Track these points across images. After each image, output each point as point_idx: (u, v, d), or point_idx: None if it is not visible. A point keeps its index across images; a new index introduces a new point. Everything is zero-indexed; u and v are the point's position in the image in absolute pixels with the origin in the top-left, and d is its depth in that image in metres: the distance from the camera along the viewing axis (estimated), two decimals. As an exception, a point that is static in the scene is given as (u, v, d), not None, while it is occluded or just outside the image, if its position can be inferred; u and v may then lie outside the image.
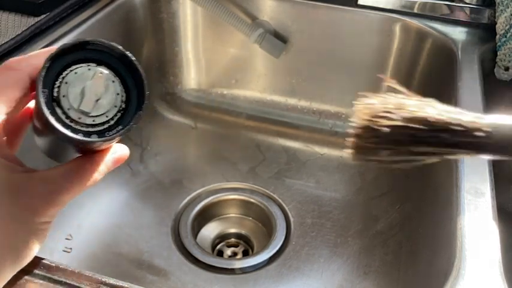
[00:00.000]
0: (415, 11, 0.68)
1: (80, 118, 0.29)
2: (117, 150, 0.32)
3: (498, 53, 0.62)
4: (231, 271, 0.60)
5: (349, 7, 0.69)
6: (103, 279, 0.33)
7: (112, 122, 0.30)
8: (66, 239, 0.61)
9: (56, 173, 0.29)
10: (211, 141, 0.77)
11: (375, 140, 0.19)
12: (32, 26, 0.59)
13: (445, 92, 0.59)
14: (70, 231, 0.62)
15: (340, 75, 0.74)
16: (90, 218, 0.64)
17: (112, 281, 0.33)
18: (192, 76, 0.81)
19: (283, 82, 0.78)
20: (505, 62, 0.61)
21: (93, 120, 0.29)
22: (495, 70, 0.62)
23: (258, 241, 0.66)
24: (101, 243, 0.62)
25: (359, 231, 0.64)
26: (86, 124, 0.29)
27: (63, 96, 0.28)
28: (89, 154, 0.31)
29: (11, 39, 0.57)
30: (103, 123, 0.29)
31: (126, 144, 0.33)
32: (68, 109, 0.28)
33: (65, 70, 0.29)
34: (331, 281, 0.59)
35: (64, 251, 0.60)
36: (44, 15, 0.61)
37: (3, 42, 0.56)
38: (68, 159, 0.32)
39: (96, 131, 0.29)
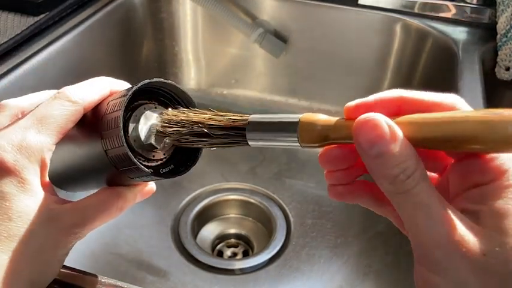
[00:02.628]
0: (416, 10, 0.68)
1: (143, 152, 0.30)
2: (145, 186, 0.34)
3: (499, 53, 0.61)
4: (231, 271, 0.60)
5: (350, 7, 0.69)
6: (102, 280, 0.33)
7: (164, 160, 0.32)
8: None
9: (86, 205, 0.30)
10: (211, 141, 0.76)
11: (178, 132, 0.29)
12: (31, 25, 0.59)
13: (446, 92, 0.59)
14: (69, 232, 0.61)
15: (340, 75, 0.74)
16: (89, 218, 0.64)
17: (111, 281, 0.33)
18: (191, 76, 0.81)
19: (283, 82, 0.78)
20: (506, 61, 0.61)
21: (153, 156, 0.31)
22: (496, 70, 0.62)
23: (258, 241, 0.65)
24: (101, 244, 0.62)
25: (359, 231, 0.64)
26: (145, 158, 0.30)
27: (133, 130, 0.30)
28: (118, 187, 0.32)
29: (11, 38, 0.56)
30: (157, 160, 0.31)
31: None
32: (134, 141, 0.30)
33: (132, 103, 0.30)
34: (331, 282, 0.59)
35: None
36: (44, 15, 0.61)
37: (2, 41, 0.56)
38: (88, 185, 0.33)
39: (150, 166, 0.31)
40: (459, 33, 0.64)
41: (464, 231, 0.22)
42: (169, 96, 0.32)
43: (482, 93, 0.53)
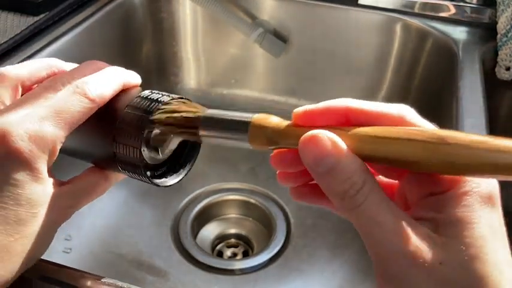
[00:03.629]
0: (416, 10, 0.67)
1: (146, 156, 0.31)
2: None
3: (499, 53, 0.61)
4: (230, 272, 0.60)
5: (350, 6, 0.69)
6: (102, 280, 0.33)
7: (160, 160, 0.33)
8: (66, 239, 0.61)
9: (79, 187, 0.33)
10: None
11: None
12: (31, 25, 0.59)
13: (446, 92, 0.59)
14: (69, 232, 0.61)
15: (340, 75, 0.74)
16: (89, 218, 0.64)
17: (111, 281, 0.33)
18: (191, 76, 0.81)
19: (283, 82, 0.78)
20: (506, 61, 0.61)
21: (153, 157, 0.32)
22: (496, 70, 0.62)
23: (258, 242, 0.65)
24: (100, 244, 0.62)
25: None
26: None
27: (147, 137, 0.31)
28: (106, 170, 0.34)
29: (10, 38, 0.56)
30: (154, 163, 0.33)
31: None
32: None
33: None
34: (331, 282, 0.59)
35: (64, 251, 0.59)
36: (43, 15, 0.61)
37: (2, 41, 0.56)
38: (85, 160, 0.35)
39: (146, 165, 0.32)
40: (459, 33, 0.64)
41: (419, 242, 0.22)
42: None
43: (482, 93, 0.53)
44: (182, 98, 0.32)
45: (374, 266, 0.23)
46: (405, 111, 0.24)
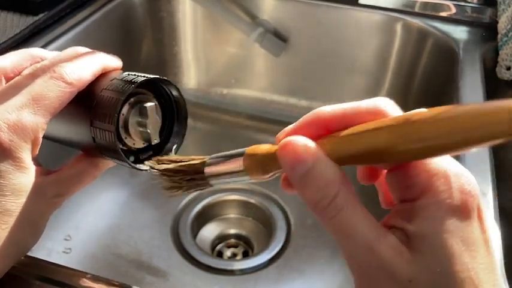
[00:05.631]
0: (416, 10, 0.67)
1: (126, 138, 0.31)
2: None
3: (500, 53, 0.61)
4: (230, 272, 0.60)
5: (350, 6, 0.69)
6: (102, 280, 0.33)
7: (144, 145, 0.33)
8: (65, 239, 0.61)
9: (66, 176, 0.32)
10: (211, 141, 0.76)
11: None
12: (30, 25, 0.59)
13: (447, 92, 0.59)
14: (69, 232, 0.61)
15: (340, 75, 0.74)
16: (89, 218, 0.64)
17: (111, 281, 0.33)
18: (191, 75, 0.81)
19: (283, 81, 0.78)
20: (507, 61, 0.61)
21: (134, 144, 0.32)
22: (497, 69, 0.62)
23: (258, 242, 0.65)
24: (100, 244, 0.62)
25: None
26: (127, 145, 0.32)
27: (121, 120, 0.31)
28: (93, 156, 0.33)
29: (10, 38, 0.56)
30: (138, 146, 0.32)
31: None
32: (122, 131, 0.31)
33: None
34: (332, 282, 0.59)
35: (64, 252, 0.59)
36: (43, 14, 0.61)
37: (2, 41, 0.56)
38: (67, 146, 0.34)
39: (131, 150, 0.32)
40: (460, 33, 0.64)
41: (390, 258, 0.21)
42: (164, 90, 0.33)
43: (483, 93, 0.53)
44: (159, 78, 0.31)
45: (352, 276, 0.23)
46: (380, 103, 0.23)
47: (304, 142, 0.22)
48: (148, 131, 0.31)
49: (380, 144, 0.21)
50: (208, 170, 0.27)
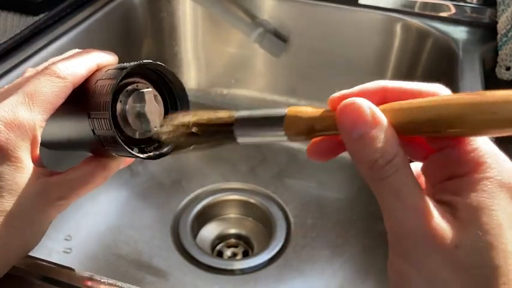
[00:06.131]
0: (416, 10, 0.67)
1: (128, 131, 0.31)
2: None
3: (499, 53, 0.61)
4: (230, 272, 0.60)
5: (350, 6, 0.69)
6: (102, 280, 0.33)
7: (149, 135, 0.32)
8: (65, 239, 0.61)
9: (71, 178, 0.31)
10: (211, 141, 0.76)
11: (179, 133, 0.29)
12: (31, 25, 0.59)
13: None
14: (69, 232, 0.61)
15: (340, 75, 0.74)
16: (89, 218, 0.64)
17: (111, 281, 0.33)
18: (191, 76, 0.81)
19: (283, 82, 0.78)
20: (506, 61, 0.61)
21: (134, 133, 0.31)
22: (496, 70, 0.62)
23: (258, 242, 0.65)
24: (100, 244, 0.62)
25: (360, 231, 0.64)
26: (131, 137, 0.31)
27: (119, 109, 0.30)
28: (102, 157, 0.32)
29: (10, 38, 0.56)
30: (143, 138, 0.31)
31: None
32: (122, 121, 0.30)
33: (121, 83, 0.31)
34: (332, 282, 0.59)
35: (64, 251, 0.59)
36: (43, 15, 0.61)
37: (2, 41, 0.56)
38: (72, 151, 0.34)
39: (135, 143, 0.31)
40: (459, 33, 0.64)
41: (438, 223, 0.22)
42: (161, 78, 0.33)
43: (482, 93, 0.52)
44: (152, 62, 0.32)
45: (389, 242, 0.23)
46: (441, 88, 0.24)
47: (368, 104, 0.23)
48: (148, 118, 0.31)
49: (451, 113, 0.22)
50: (238, 125, 0.27)
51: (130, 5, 0.72)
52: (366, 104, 0.22)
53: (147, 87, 0.32)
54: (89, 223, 0.63)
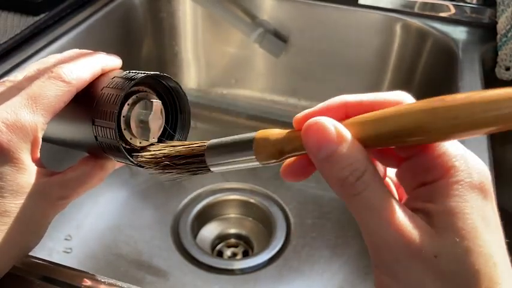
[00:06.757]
0: (416, 10, 0.67)
1: (131, 139, 0.31)
2: None
3: (499, 53, 0.61)
4: (230, 272, 0.60)
5: (350, 6, 0.69)
6: (102, 280, 0.33)
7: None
8: (66, 239, 0.61)
9: (71, 178, 0.32)
10: (211, 141, 0.76)
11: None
12: (31, 25, 0.59)
13: (446, 92, 0.59)
14: (69, 232, 0.62)
15: (340, 75, 0.74)
16: (89, 218, 0.64)
17: (111, 281, 0.33)
18: (191, 76, 0.81)
19: (283, 82, 0.78)
20: (506, 61, 0.61)
21: (140, 142, 0.32)
22: (496, 70, 0.62)
23: (258, 242, 0.65)
24: (100, 244, 0.62)
25: (359, 231, 0.63)
26: (131, 143, 0.31)
27: (123, 117, 0.31)
28: (99, 157, 0.33)
29: (10, 38, 0.56)
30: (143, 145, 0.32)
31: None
32: (124, 130, 0.31)
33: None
34: (331, 282, 0.59)
35: (64, 251, 0.59)
36: (43, 15, 0.61)
37: (2, 41, 0.56)
38: (73, 149, 0.34)
39: (134, 149, 0.31)
40: (459, 33, 0.64)
41: (414, 233, 0.21)
42: (166, 89, 0.33)
43: (482, 93, 0.52)
44: (159, 74, 0.31)
45: (371, 256, 0.23)
46: (403, 96, 0.24)
47: (332, 122, 0.23)
48: (150, 127, 0.31)
49: (413, 123, 0.22)
50: (210, 154, 0.27)
51: (130, 5, 0.72)
52: (329, 123, 0.22)
53: (155, 97, 0.32)
54: (89, 223, 0.63)
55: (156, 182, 0.70)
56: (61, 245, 0.60)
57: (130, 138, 0.31)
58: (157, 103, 0.31)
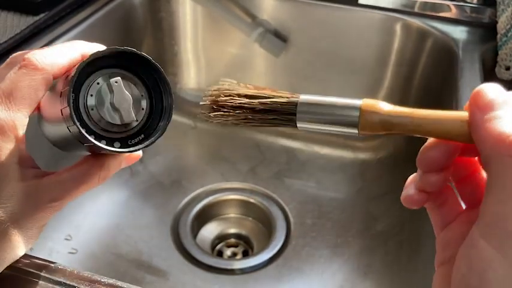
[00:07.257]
0: (416, 10, 0.67)
1: (101, 122, 0.28)
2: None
3: (499, 53, 0.61)
4: (230, 271, 0.60)
5: (350, 6, 0.69)
6: (102, 280, 0.33)
7: (135, 129, 0.29)
8: (66, 239, 0.61)
9: (65, 178, 0.29)
10: (211, 141, 0.76)
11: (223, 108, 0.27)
12: (31, 25, 0.59)
13: (446, 92, 0.59)
14: (69, 232, 0.61)
15: (340, 75, 0.74)
16: (89, 218, 0.64)
17: (111, 281, 0.33)
18: (191, 75, 0.81)
19: (283, 81, 0.78)
20: (506, 61, 0.61)
21: (123, 127, 0.29)
22: (496, 69, 0.62)
23: (257, 241, 0.65)
24: (100, 244, 0.62)
25: (359, 231, 0.64)
26: (110, 131, 0.28)
27: (88, 102, 0.27)
28: (99, 156, 0.31)
29: (10, 38, 0.56)
30: (127, 130, 0.29)
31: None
32: (92, 110, 0.27)
33: (91, 75, 0.28)
34: (331, 282, 0.59)
35: (64, 251, 0.59)
36: (43, 14, 0.61)
37: (2, 41, 0.56)
38: (74, 152, 0.31)
39: (118, 138, 0.28)
40: (459, 33, 0.64)
41: None
42: (141, 66, 0.31)
43: (482, 93, 0.52)
44: (128, 49, 0.29)
45: (479, 225, 0.21)
46: None
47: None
48: (119, 108, 0.28)
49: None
50: (302, 109, 0.25)
51: (130, 5, 0.72)
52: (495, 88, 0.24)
53: (124, 77, 0.29)
54: (89, 223, 0.63)
55: (156, 182, 0.70)
56: (61, 245, 0.60)
57: (103, 123, 0.28)
58: (115, 82, 0.28)
